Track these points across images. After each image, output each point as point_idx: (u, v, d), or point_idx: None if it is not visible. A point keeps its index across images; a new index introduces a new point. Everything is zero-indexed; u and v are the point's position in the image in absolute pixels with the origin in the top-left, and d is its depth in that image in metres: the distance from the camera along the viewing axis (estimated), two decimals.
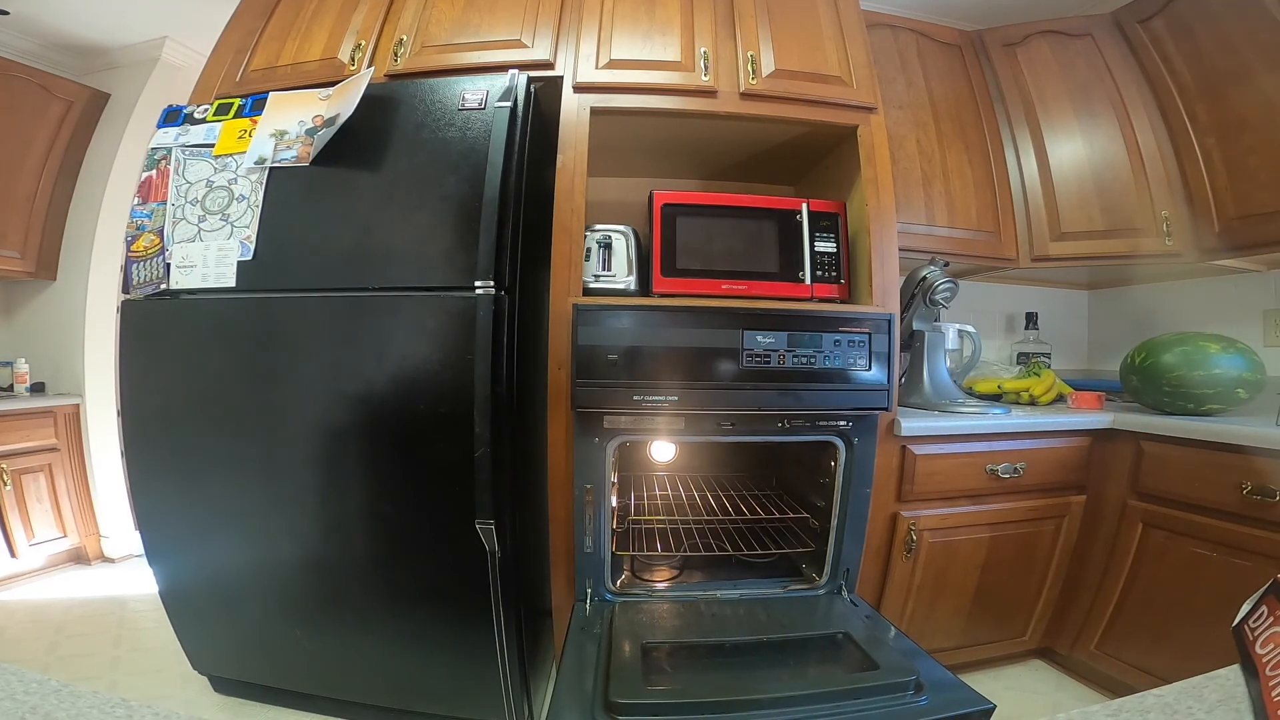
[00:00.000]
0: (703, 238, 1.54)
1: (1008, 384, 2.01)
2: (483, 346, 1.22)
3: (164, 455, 1.40)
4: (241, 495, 1.37)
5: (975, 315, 2.32)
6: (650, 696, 0.96)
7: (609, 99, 1.51)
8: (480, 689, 1.39)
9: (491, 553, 1.28)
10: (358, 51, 1.57)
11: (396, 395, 1.29)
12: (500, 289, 1.27)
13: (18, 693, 0.30)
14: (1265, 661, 0.27)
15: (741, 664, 1.13)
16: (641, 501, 1.77)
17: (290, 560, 1.38)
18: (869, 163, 1.56)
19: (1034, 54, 2.05)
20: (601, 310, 1.31)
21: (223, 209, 1.37)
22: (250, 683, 1.54)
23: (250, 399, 1.34)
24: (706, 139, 1.73)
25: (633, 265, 1.55)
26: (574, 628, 1.25)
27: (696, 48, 1.55)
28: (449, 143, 1.32)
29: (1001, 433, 1.59)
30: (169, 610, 1.49)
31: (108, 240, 2.59)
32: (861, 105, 1.58)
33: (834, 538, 1.46)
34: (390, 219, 1.32)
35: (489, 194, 1.26)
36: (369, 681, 1.44)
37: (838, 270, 1.54)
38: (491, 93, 1.34)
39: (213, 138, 1.42)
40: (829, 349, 1.37)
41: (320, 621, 1.41)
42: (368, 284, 1.30)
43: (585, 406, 1.30)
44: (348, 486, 1.34)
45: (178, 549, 1.45)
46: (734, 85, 1.54)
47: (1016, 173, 2.03)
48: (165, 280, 1.36)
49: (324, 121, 1.37)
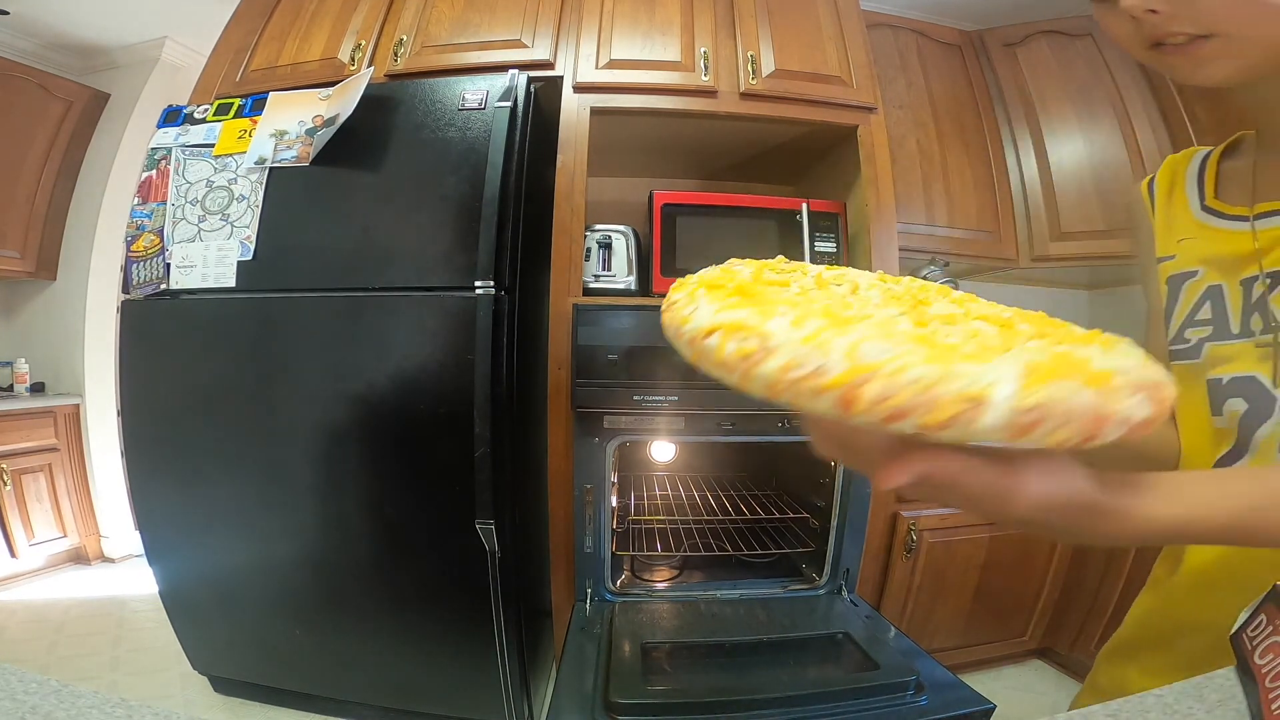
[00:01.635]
0: (703, 238, 1.54)
1: None
2: (483, 346, 1.22)
3: (164, 455, 1.40)
4: (241, 495, 1.37)
5: None
6: (650, 696, 0.96)
7: (609, 99, 1.51)
8: (480, 689, 1.39)
9: (491, 553, 1.28)
10: (358, 51, 1.57)
11: (396, 395, 1.29)
12: (500, 289, 1.26)
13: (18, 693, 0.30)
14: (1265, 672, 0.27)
15: (741, 664, 1.13)
16: (641, 501, 1.77)
17: (290, 560, 1.38)
18: (869, 163, 1.55)
19: (1034, 54, 2.05)
20: (601, 310, 1.31)
21: (223, 209, 1.37)
22: (250, 683, 1.54)
23: (250, 399, 1.34)
24: (706, 139, 1.73)
25: (633, 265, 1.55)
26: (574, 628, 1.25)
27: (696, 48, 1.55)
28: (449, 143, 1.32)
29: None
30: (169, 610, 1.49)
31: (108, 240, 2.59)
32: (861, 105, 1.58)
33: (834, 537, 1.46)
34: (390, 219, 1.32)
35: (489, 194, 1.26)
36: (369, 681, 1.44)
37: None
38: (491, 93, 1.34)
39: (213, 138, 1.42)
40: None
41: (320, 621, 1.41)
42: (367, 284, 1.30)
43: (585, 406, 1.30)
44: (348, 486, 1.34)
45: (178, 549, 1.45)
46: (734, 85, 1.54)
47: (1016, 173, 2.03)
48: (165, 280, 1.36)
49: (324, 121, 1.37)
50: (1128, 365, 0.24)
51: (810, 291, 0.32)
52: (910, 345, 0.23)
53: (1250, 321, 0.48)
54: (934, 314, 0.29)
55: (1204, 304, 0.52)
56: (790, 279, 0.33)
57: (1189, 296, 0.53)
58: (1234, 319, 0.49)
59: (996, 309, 0.32)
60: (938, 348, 0.23)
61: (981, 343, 0.25)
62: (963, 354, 0.23)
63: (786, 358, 0.24)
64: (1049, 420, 0.21)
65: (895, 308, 0.29)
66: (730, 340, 0.26)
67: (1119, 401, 0.22)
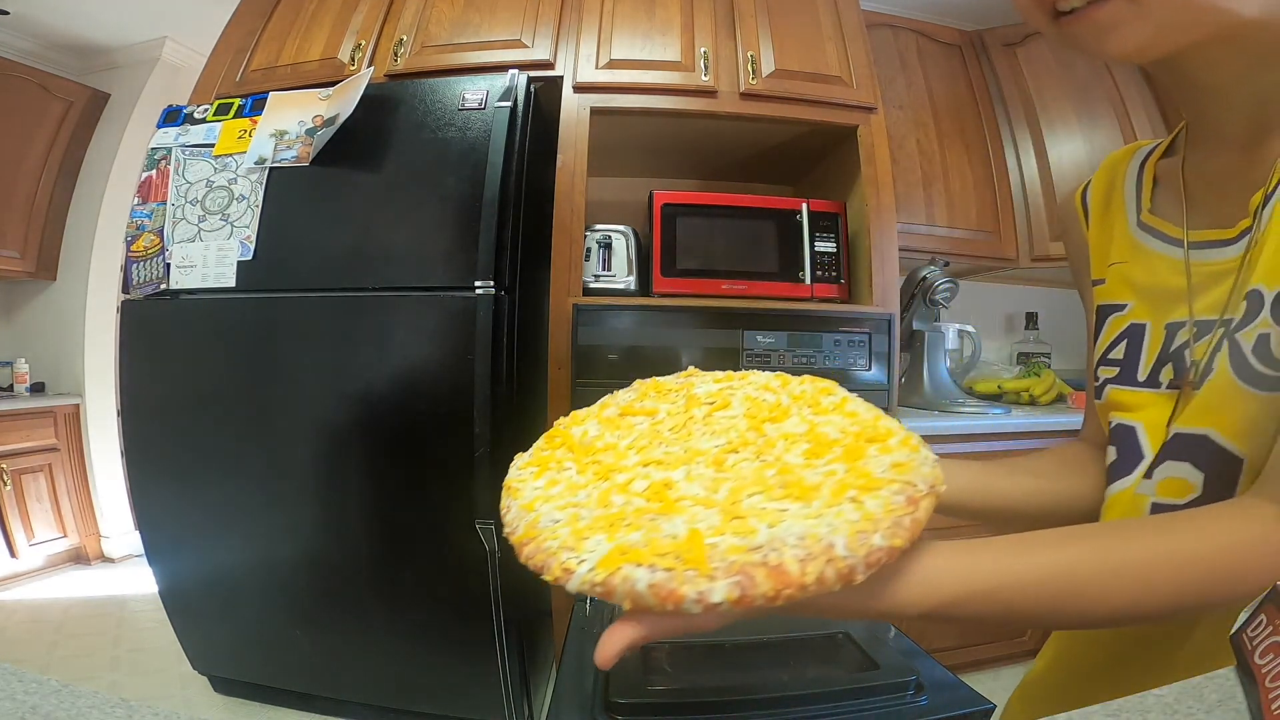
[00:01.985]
0: (703, 238, 1.54)
1: (1008, 384, 2.01)
2: (483, 346, 1.22)
3: (164, 455, 1.40)
4: (241, 495, 1.37)
5: (975, 315, 2.32)
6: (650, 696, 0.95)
7: (609, 99, 1.51)
8: (480, 689, 1.39)
9: (491, 552, 1.28)
10: (358, 51, 1.57)
11: (396, 395, 1.29)
12: (500, 289, 1.26)
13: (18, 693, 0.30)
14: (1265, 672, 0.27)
15: (742, 664, 1.13)
16: None
17: (290, 560, 1.38)
18: (869, 163, 1.55)
19: (1034, 54, 2.05)
20: (602, 310, 1.31)
21: (223, 209, 1.37)
22: (250, 683, 1.54)
23: (250, 399, 1.34)
24: (706, 139, 1.73)
25: (633, 265, 1.55)
26: (574, 628, 1.24)
27: (696, 48, 1.55)
28: (449, 143, 1.32)
29: (1001, 433, 1.59)
30: (169, 610, 1.49)
31: (108, 240, 2.59)
32: (861, 105, 1.57)
33: None
34: (390, 219, 1.32)
35: (489, 194, 1.26)
36: (369, 681, 1.44)
37: (838, 270, 1.54)
38: (491, 93, 1.34)
39: (213, 138, 1.42)
40: (829, 349, 1.37)
41: (320, 621, 1.41)
42: (368, 284, 1.30)
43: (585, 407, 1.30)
44: (347, 486, 1.34)
45: (178, 549, 1.45)
46: (734, 85, 1.54)
47: (1016, 173, 2.03)
48: (165, 280, 1.36)
49: (324, 121, 1.37)
50: (801, 532, 0.27)
51: (660, 421, 0.39)
52: (570, 516, 0.30)
53: (1160, 372, 0.43)
54: (778, 433, 0.35)
55: (1120, 343, 0.47)
56: (660, 406, 0.41)
57: (1110, 331, 0.48)
58: (1144, 366, 0.45)
59: (855, 415, 0.37)
60: (608, 518, 0.29)
61: (760, 482, 0.30)
62: (679, 506, 0.29)
63: (510, 518, 0.33)
64: (616, 594, 0.26)
65: (722, 438, 0.35)
66: (504, 499, 0.35)
67: (694, 585, 0.25)
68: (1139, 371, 0.45)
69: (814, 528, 0.27)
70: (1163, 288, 0.44)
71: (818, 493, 0.29)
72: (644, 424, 0.40)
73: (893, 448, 0.33)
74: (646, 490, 0.31)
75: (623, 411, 0.42)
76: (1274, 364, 0.35)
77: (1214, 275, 0.41)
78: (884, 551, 0.27)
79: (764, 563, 0.25)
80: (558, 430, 0.42)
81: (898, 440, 0.34)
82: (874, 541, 0.27)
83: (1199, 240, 0.42)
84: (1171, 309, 0.43)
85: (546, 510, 0.31)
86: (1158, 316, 0.44)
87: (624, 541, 0.27)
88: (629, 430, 0.39)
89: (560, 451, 0.39)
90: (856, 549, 0.26)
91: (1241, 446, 0.37)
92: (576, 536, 0.28)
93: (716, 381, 0.44)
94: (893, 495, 0.29)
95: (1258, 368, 0.36)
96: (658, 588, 0.25)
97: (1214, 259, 0.41)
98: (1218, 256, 0.41)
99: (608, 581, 0.26)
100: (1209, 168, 0.43)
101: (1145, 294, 0.46)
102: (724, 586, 0.25)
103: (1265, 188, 0.37)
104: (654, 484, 0.32)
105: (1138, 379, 0.45)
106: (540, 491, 0.33)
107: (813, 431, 0.35)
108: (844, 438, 0.34)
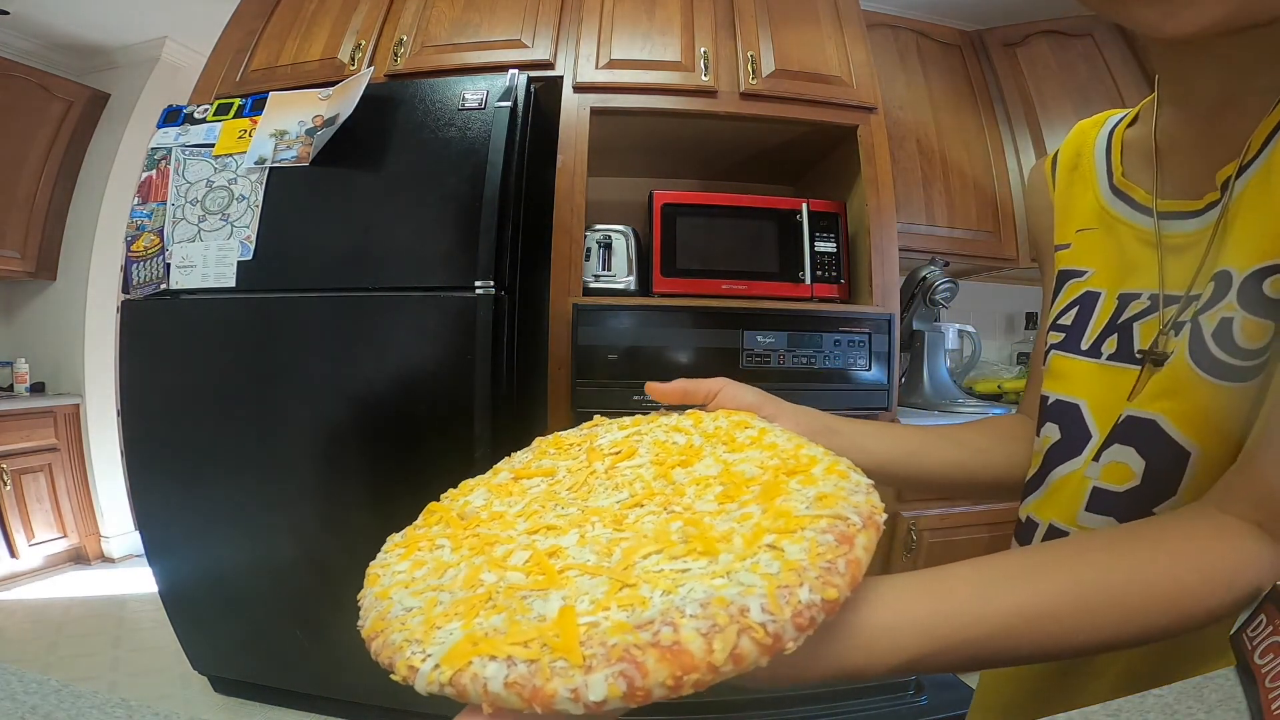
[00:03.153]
0: (703, 238, 1.54)
1: (1008, 384, 2.01)
2: (483, 346, 1.22)
3: (164, 455, 1.40)
4: (242, 495, 1.37)
5: (975, 315, 2.32)
6: None
7: (609, 99, 1.51)
8: None
9: None
10: (358, 51, 1.57)
11: (396, 395, 1.29)
12: (500, 289, 1.26)
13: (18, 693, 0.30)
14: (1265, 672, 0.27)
15: None
16: None
17: (290, 560, 1.38)
18: (869, 163, 1.55)
19: (1034, 54, 2.04)
20: (601, 310, 1.31)
21: (223, 209, 1.37)
22: (250, 683, 1.54)
23: (250, 399, 1.34)
24: (706, 139, 1.73)
25: (633, 265, 1.55)
26: None
27: (696, 48, 1.55)
28: (449, 143, 1.32)
29: None
30: (169, 610, 1.49)
31: (108, 240, 2.59)
32: (861, 105, 1.57)
33: None
34: (390, 219, 1.32)
35: (489, 194, 1.26)
36: (369, 681, 1.43)
37: (838, 270, 1.54)
38: (491, 93, 1.33)
39: (213, 138, 1.42)
40: (829, 349, 1.37)
41: (320, 621, 1.41)
42: (368, 284, 1.30)
43: (585, 407, 1.30)
44: (347, 486, 1.34)
45: (178, 549, 1.45)
46: (734, 85, 1.54)
47: (1016, 173, 2.03)
48: (165, 280, 1.36)
49: (324, 121, 1.37)
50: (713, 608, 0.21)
51: (559, 481, 0.35)
52: (428, 602, 0.26)
53: (1104, 343, 0.41)
54: (688, 479, 0.31)
55: (1073, 309, 0.45)
56: (560, 464, 0.37)
57: (1066, 296, 0.46)
58: (1090, 334, 0.42)
59: (774, 448, 0.33)
60: (470, 601, 0.25)
61: (661, 539, 0.26)
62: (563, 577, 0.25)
63: (363, 608, 0.29)
64: (468, 695, 0.21)
65: (625, 491, 0.31)
66: (364, 587, 0.31)
67: (564, 679, 0.19)
68: (1083, 340, 0.43)
69: (721, 589, 0.22)
70: (1125, 256, 0.42)
71: (728, 544, 0.24)
72: (540, 486, 0.35)
73: (817, 478, 0.28)
74: (527, 562, 0.27)
75: (516, 475, 0.38)
76: (1235, 351, 0.33)
77: (1176, 248, 0.39)
78: (816, 608, 0.22)
79: (654, 643, 0.20)
80: (436, 506, 0.38)
81: (822, 469, 0.29)
82: (801, 597, 0.21)
83: (1165, 210, 0.40)
84: (1128, 278, 0.42)
85: (400, 597, 0.27)
86: (1113, 285, 0.43)
87: (480, 629, 0.22)
88: (521, 495, 0.35)
89: (437, 528, 0.34)
90: (778, 610, 0.21)
91: (1191, 437, 0.35)
92: (428, 626, 0.24)
93: (622, 429, 0.40)
94: (820, 535, 0.24)
95: (1216, 354, 0.34)
96: (518, 685, 0.20)
97: (1176, 230, 0.39)
98: (1180, 228, 0.39)
99: (456, 680, 0.21)
100: (1179, 135, 0.41)
101: (1107, 261, 0.44)
102: (602, 679, 0.19)
103: (1240, 159, 0.35)
104: (536, 554, 0.27)
105: (1080, 346, 0.43)
106: (403, 575, 0.29)
107: (727, 472, 0.31)
108: (763, 473, 0.30)
